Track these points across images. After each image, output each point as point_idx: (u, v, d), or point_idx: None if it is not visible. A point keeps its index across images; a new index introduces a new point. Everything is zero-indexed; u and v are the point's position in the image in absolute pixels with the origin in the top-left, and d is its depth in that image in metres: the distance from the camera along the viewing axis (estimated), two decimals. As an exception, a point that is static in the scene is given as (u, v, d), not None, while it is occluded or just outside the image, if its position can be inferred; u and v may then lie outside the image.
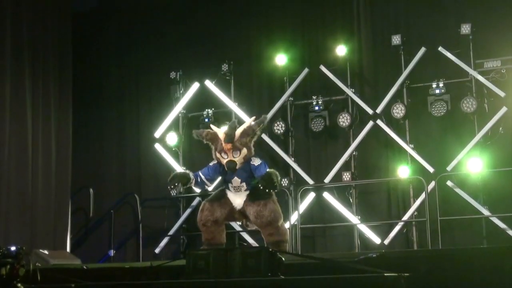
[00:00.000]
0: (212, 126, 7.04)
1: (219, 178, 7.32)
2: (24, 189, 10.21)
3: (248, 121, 6.93)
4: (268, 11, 11.27)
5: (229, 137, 6.65)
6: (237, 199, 6.75)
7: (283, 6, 11.23)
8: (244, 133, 6.71)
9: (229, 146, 6.64)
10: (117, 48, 12.05)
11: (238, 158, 6.66)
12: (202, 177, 6.98)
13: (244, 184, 6.72)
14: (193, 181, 6.98)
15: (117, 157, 11.94)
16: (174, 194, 6.82)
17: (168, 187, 7.17)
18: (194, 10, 11.67)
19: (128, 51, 11.98)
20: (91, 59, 12.06)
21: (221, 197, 6.82)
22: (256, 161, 6.74)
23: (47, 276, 6.03)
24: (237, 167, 6.67)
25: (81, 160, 11.67)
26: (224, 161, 6.70)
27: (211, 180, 7.18)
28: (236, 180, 6.73)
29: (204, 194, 11.03)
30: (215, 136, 6.78)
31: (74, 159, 11.24)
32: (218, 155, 6.76)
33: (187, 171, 7.22)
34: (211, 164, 6.96)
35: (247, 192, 6.73)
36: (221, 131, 6.79)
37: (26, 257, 7.83)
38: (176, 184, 7.02)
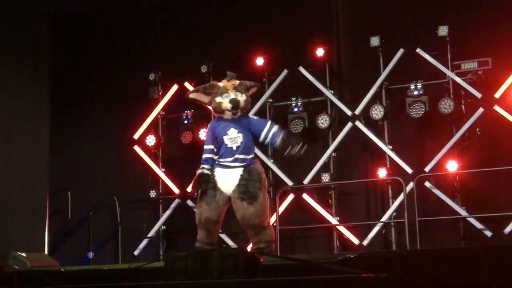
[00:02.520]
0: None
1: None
2: (1, 191, 10.12)
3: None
4: (247, 12, 11.27)
5: (232, 75, 6.71)
6: (227, 182, 6.61)
7: (262, 7, 11.23)
8: (243, 83, 6.73)
9: (233, 81, 6.64)
10: (95, 50, 12.00)
11: (241, 98, 6.62)
12: (211, 157, 6.77)
13: (241, 135, 6.64)
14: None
15: (95, 159, 11.88)
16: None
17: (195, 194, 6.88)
18: (174, 12, 11.65)
19: (106, 53, 11.93)
20: (69, 61, 11.99)
21: (212, 197, 6.65)
22: (255, 117, 6.75)
23: (25, 279, 5.99)
24: (240, 107, 6.60)
25: (59, 162, 11.59)
26: (227, 100, 6.60)
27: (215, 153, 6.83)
28: (232, 131, 6.65)
29: (183, 196, 11.08)
30: (214, 84, 6.77)
31: (52, 161, 11.18)
32: (218, 99, 6.66)
33: (202, 172, 6.79)
34: (206, 132, 6.88)
35: (240, 171, 6.61)
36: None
37: (3, 259, 7.79)
38: (203, 187, 6.76)
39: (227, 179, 6.64)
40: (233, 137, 6.64)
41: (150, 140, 11.39)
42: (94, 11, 11.96)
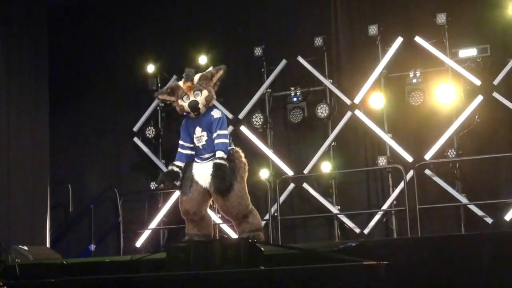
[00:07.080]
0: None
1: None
2: (2, 185, 10.13)
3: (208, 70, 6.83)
4: (245, 3, 11.24)
5: (188, 76, 6.59)
6: (203, 176, 6.51)
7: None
8: (203, 76, 6.65)
9: (189, 83, 6.56)
10: (94, 42, 11.97)
11: (200, 98, 6.54)
12: (183, 152, 6.73)
13: (205, 133, 6.55)
14: (180, 172, 6.69)
15: (95, 151, 11.90)
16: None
17: (159, 186, 6.90)
18: (172, 3, 11.63)
19: (104, 45, 11.92)
20: (67, 54, 11.97)
21: (188, 188, 6.59)
22: (216, 113, 6.61)
23: (27, 272, 6.01)
24: (200, 107, 6.52)
25: (60, 156, 11.61)
26: (186, 104, 6.56)
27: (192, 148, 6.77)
28: (198, 130, 6.59)
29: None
30: (176, 86, 6.69)
31: (53, 155, 11.19)
32: (180, 102, 6.60)
33: (172, 168, 6.71)
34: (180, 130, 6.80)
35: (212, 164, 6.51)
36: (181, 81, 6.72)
37: (5, 253, 7.82)
38: (166, 183, 6.68)
39: (202, 172, 6.62)
40: (198, 136, 6.63)
41: (150, 132, 11.39)
42: (91, 3, 11.93)
